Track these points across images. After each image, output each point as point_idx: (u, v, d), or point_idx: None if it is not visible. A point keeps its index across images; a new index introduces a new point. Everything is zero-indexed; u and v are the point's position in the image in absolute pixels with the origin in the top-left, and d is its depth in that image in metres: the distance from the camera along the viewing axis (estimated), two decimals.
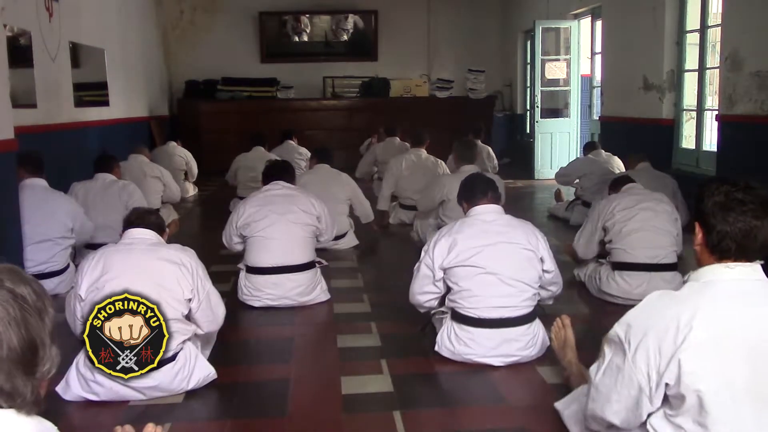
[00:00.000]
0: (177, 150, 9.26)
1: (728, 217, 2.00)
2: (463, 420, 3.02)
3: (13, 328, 1.26)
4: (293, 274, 4.50)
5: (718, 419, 1.96)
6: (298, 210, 4.59)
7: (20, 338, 1.27)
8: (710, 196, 2.05)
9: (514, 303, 3.48)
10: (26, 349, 1.27)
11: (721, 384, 1.95)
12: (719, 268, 2.04)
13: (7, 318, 1.26)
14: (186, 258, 3.24)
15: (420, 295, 3.69)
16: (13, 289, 1.29)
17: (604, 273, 4.60)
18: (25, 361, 1.28)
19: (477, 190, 3.68)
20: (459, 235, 3.52)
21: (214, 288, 3.39)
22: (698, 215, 2.10)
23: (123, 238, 3.32)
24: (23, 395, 1.28)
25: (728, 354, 1.94)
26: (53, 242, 4.76)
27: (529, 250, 3.53)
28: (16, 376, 1.26)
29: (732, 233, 2.00)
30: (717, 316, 1.97)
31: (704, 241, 2.07)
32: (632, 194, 4.66)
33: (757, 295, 2.00)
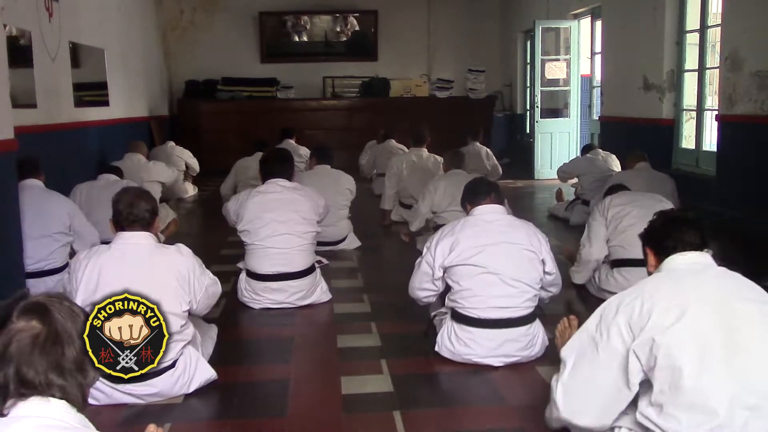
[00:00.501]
0: (175, 150, 9.25)
1: (671, 231, 2.39)
2: (463, 420, 3.02)
3: (72, 336, 1.61)
4: (294, 281, 4.47)
5: (693, 376, 2.09)
6: (299, 218, 4.50)
7: (76, 345, 1.62)
8: (653, 222, 2.50)
9: (514, 303, 3.47)
10: (80, 355, 1.63)
11: (694, 345, 2.11)
12: (674, 256, 2.36)
13: (67, 328, 1.60)
14: (182, 263, 3.17)
15: (418, 290, 3.71)
16: (70, 306, 1.66)
17: (603, 272, 4.60)
18: (78, 365, 1.62)
19: (479, 192, 3.67)
20: (461, 234, 3.52)
21: (211, 277, 3.35)
22: (646, 241, 2.49)
23: (116, 241, 3.19)
24: (75, 392, 1.59)
25: (691, 315, 2.14)
26: (51, 238, 4.74)
27: (530, 251, 3.52)
28: (72, 377, 1.58)
29: (676, 242, 2.38)
30: (678, 287, 2.23)
31: (656, 260, 2.43)
32: (627, 193, 4.77)
33: (711, 272, 2.33)
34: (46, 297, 1.62)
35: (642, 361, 2.16)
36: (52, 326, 1.57)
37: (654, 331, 2.13)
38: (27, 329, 1.55)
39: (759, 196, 6.17)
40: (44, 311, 1.57)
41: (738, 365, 2.09)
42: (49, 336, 1.56)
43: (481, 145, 9.25)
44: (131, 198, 3.18)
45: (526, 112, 12.35)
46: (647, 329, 2.14)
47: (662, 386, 2.13)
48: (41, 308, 1.58)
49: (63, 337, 1.58)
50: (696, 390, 2.08)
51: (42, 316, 1.57)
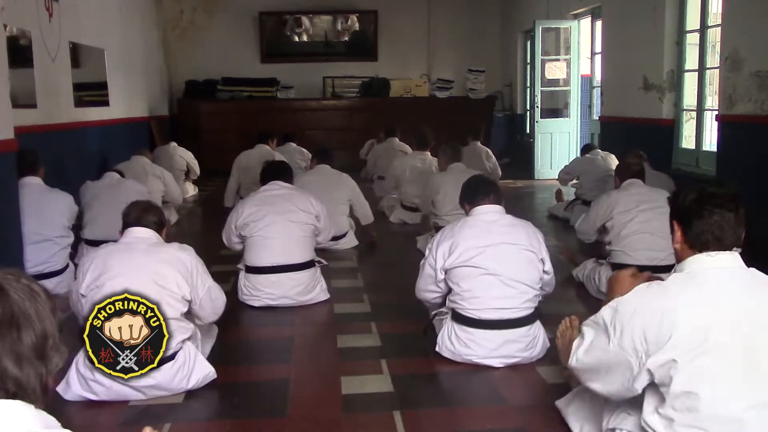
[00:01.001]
0: (177, 150, 9.26)
1: (704, 211, 2.16)
2: (463, 420, 3.02)
3: (29, 318, 1.36)
4: (293, 273, 4.51)
5: (709, 402, 2.03)
6: (297, 209, 4.59)
7: (35, 328, 1.36)
8: (685, 196, 2.23)
9: (515, 305, 3.47)
10: (40, 338, 1.36)
11: (713, 372, 2.03)
12: (701, 257, 2.16)
13: (24, 308, 1.36)
14: (185, 256, 3.27)
15: (425, 292, 3.73)
16: (29, 284, 1.40)
17: (603, 273, 4.59)
18: (38, 351, 1.36)
19: (479, 192, 3.66)
20: (460, 236, 3.51)
21: (214, 282, 3.43)
22: (675, 214, 2.26)
23: (123, 237, 3.34)
24: (33, 384, 1.35)
25: (715, 337, 2.02)
26: (52, 242, 4.76)
27: (530, 251, 3.52)
28: (30, 366, 1.35)
29: (708, 225, 2.15)
30: (701, 305, 2.07)
31: (683, 238, 2.21)
32: (633, 194, 4.63)
33: (738, 280, 2.13)
34: (0, 274, 1.41)
35: (655, 377, 2.10)
36: (7, 307, 1.35)
37: (674, 352, 2.04)
38: None
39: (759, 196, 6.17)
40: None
41: (756, 390, 2.04)
42: (4, 318, 1.34)
43: (481, 145, 9.26)
44: (139, 212, 3.38)
45: (526, 112, 12.35)
46: (666, 349, 2.05)
47: (674, 404, 2.08)
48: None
49: (20, 320, 1.35)
50: (710, 415, 2.04)
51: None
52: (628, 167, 4.90)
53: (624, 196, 4.64)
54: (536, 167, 10.67)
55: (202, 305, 3.34)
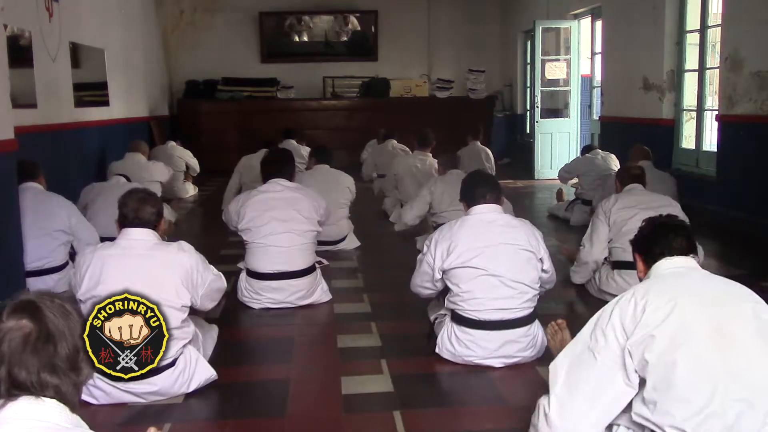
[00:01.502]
0: (176, 150, 9.26)
1: (658, 237, 2.47)
2: (463, 420, 3.01)
3: (63, 334, 1.56)
4: (294, 280, 4.47)
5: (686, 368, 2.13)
6: (301, 217, 4.51)
7: (68, 343, 1.56)
8: (642, 230, 2.59)
9: (514, 305, 3.47)
10: (72, 352, 1.57)
11: (686, 338, 2.15)
12: (660, 261, 2.44)
13: (59, 325, 1.56)
14: (185, 259, 3.21)
15: (419, 287, 3.74)
16: (62, 304, 1.60)
17: (604, 273, 4.59)
18: (72, 364, 1.57)
19: (477, 190, 3.63)
20: (459, 237, 3.50)
21: (214, 272, 3.39)
22: (635, 248, 2.59)
23: (120, 237, 3.24)
24: (69, 391, 1.55)
25: (683, 310, 2.19)
26: (51, 237, 4.74)
27: (529, 251, 3.51)
28: (65, 375, 1.54)
29: (664, 247, 2.44)
30: (668, 287, 2.30)
31: (644, 267, 2.50)
32: (634, 194, 4.63)
33: (696, 274, 2.41)
34: (36, 295, 1.59)
35: (635, 359, 2.19)
36: (44, 324, 1.54)
37: (648, 327, 2.18)
38: (18, 328, 1.52)
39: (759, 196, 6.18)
40: (35, 309, 1.55)
41: (729, 358, 2.13)
42: (41, 335, 1.52)
43: (481, 145, 9.26)
44: (137, 202, 3.22)
45: (526, 112, 12.35)
46: (641, 326, 2.19)
47: (655, 382, 2.16)
48: (32, 306, 1.55)
49: (55, 336, 1.54)
50: (688, 383, 2.11)
51: (33, 314, 1.54)
52: (629, 171, 4.90)
53: (624, 196, 4.63)
54: (536, 167, 10.67)
55: (202, 301, 3.32)
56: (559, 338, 3.22)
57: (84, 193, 5.71)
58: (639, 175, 4.85)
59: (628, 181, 4.79)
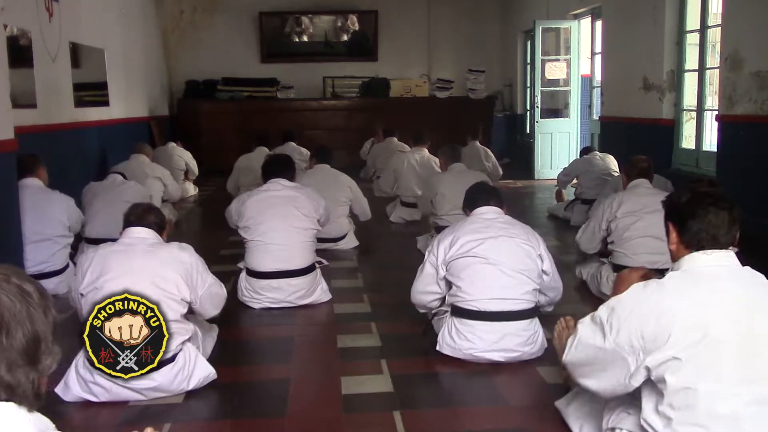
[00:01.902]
0: (176, 150, 9.25)
1: (698, 210, 2.17)
2: (463, 420, 3.01)
3: (20, 321, 1.32)
4: (294, 279, 4.48)
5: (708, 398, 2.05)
6: (300, 214, 4.55)
7: (25, 331, 1.32)
8: (679, 196, 2.26)
9: (514, 295, 3.51)
10: (30, 341, 1.32)
11: (712, 368, 2.04)
12: (697, 255, 2.18)
13: (13, 310, 1.31)
14: (185, 256, 3.26)
15: (422, 294, 3.73)
16: (20, 284, 1.35)
17: (605, 274, 4.59)
18: (29, 354, 1.32)
19: (479, 200, 3.76)
20: (460, 231, 3.62)
21: (214, 278, 3.43)
22: (670, 216, 2.28)
23: (123, 237, 3.33)
24: (25, 388, 1.32)
25: (713, 333, 2.04)
26: (52, 241, 4.76)
27: (528, 245, 3.60)
28: (20, 368, 1.31)
29: (704, 224, 2.16)
30: (698, 301, 2.08)
31: (678, 239, 2.22)
32: (639, 195, 4.54)
33: (734, 278, 2.14)
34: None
35: (653, 374, 2.11)
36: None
37: (673, 349, 2.05)
38: None
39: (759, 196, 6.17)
40: None
41: (756, 391, 2.05)
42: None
43: (480, 145, 9.26)
44: (141, 212, 3.37)
45: (526, 112, 12.35)
46: (666, 348, 2.06)
47: (672, 401, 2.09)
48: None
49: (10, 324, 1.30)
50: (708, 412, 2.05)
51: None
52: (636, 164, 4.76)
53: (629, 197, 4.55)
54: (536, 167, 10.67)
55: (202, 303, 3.34)
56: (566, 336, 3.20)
57: (83, 195, 5.71)
58: (646, 168, 4.72)
59: (635, 175, 4.69)
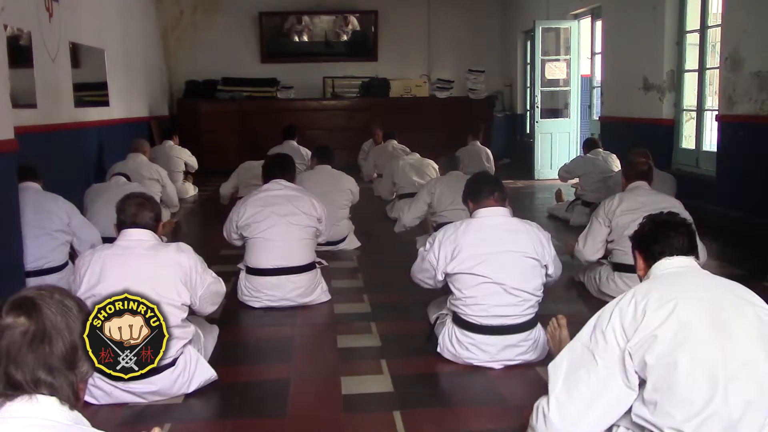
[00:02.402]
0: (173, 151, 9.19)
1: (659, 236, 2.43)
2: (463, 420, 3.01)
3: (60, 332, 1.55)
4: (293, 276, 4.49)
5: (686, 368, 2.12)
6: (300, 212, 4.57)
7: (65, 341, 1.55)
8: (642, 227, 2.52)
9: (516, 312, 3.46)
10: (69, 350, 1.56)
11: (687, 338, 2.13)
12: (661, 261, 2.42)
13: (55, 322, 1.54)
14: (183, 259, 3.21)
15: (419, 280, 3.74)
16: (62, 300, 1.59)
17: (604, 273, 4.59)
18: (68, 361, 1.55)
19: (483, 190, 3.59)
20: (463, 241, 3.46)
21: (213, 275, 3.39)
22: (635, 245, 2.55)
23: (119, 239, 3.25)
24: (65, 390, 1.53)
25: (683, 311, 2.17)
26: (51, 236, 4.73)
27: (534, 259, 3.47)
28: (60, 373, 1.53)
29: (665, 246, 2.41)
30: (668, 288, 2.27)
31: (645, 264, 2.47)
32: (638, 194, 4.51)
33: (696, 274, 2.39)
34: (35, 291, 1.57)
35: (635, 360, 2.17)
36: (40, 322, 1.51)
37: (649, 328, 2.15)
38: (14, 326, 1.50)
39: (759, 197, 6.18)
40: (32, 306, 1.52)
41: (730, 359, 2.11)
42: (37, 333, 1.50)
43: (481, 145, 9.26)
44: (135, 207, 3.23)
45: (526, 113, 12.35)
46: (642, 328, 2.16)
47: (655, 383, 2.14)
48: (29, 303, 1.52)
49: (51, 334, 1.52)
50: (688, 384, 2.10)
51: (30, 311, 1.51)
52: (635, 167, 4.71)
53: (629, 196, 4.53)
54: (536, 167, 10.67)
55: (201, 303, 3.32)
56: (559, 336, 3.21)
57: (85, 196, 5.71)
58: (645, 171, 4.67)
59: (634, 177, 4.65)
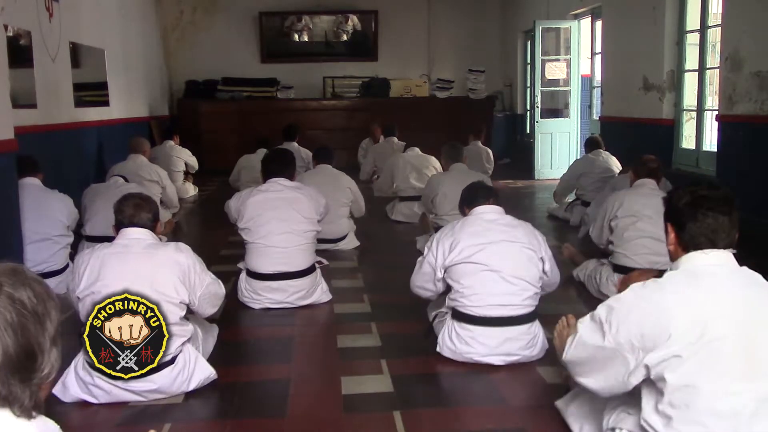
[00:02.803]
0: (174, 151, 9.18)
1: (697, 214, 2.17)
2: (463, 420, 3.01)
3: (9, 335, 1.26)
4: (294, 280, 4.47)
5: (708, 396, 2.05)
6: (300, 216, 4.50)
7: (16, 345, 1.26)
8: (679, 198, 2.24)
9: (515, 301, 3.48)
10: (22, 355, 1.27)
11: (712, 365, 2.04)
12: (695, 254, 2.19)
13: (2, 324, 1.25)
14: (182, 258, 3.20)
15: (419, 288, 3.74)
16: (11, 294, 1.28)
17: (604, 274, 4.59)
18: (22, 367, 1.27)
19: (479, 195, 3.69)
20: (461, 234, 3.53)
21: (212, 276, 3.39)
22: (669, 216, 2.28)
23: (118, 238, 3.24)
24: (21, 400, 1.28)
25: (713, 331, 2.04)
26: (52, 241, 4.76)
27: (530, 249, 3.54)
28: (13, 383, 1.26)
29: (702, 229, 2.17)
30: (698, 300, 2.09)
31: (676, 240, 2.23)
32: (641, 194, 4.54)
33: (732, 278, 2.16)
34: None
35: (652, 373, 2.11)
36: None
37: (673, 347, 2.06)
38: None
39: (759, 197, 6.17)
40: None
41: (757, 387, 2.05)
42: None
43: (482, 145, 9.26)
44: (132, 209, 3.23)
45: (526, 112, 12.35)
46: (667, 345, 2.06)
47: (673, 400, 2.09)
48: None
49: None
50: (708, 409, 2.05)
51: None
52: (645, 164, 4.76)
53: (631, 197, 4.56)
54: (536, 167, 10.66)
55: (200, 304, 3.32)
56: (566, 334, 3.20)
57: (84, 196, 5.71)
58: (654, 169, 4.72)
59: (643, 174, 4.70)
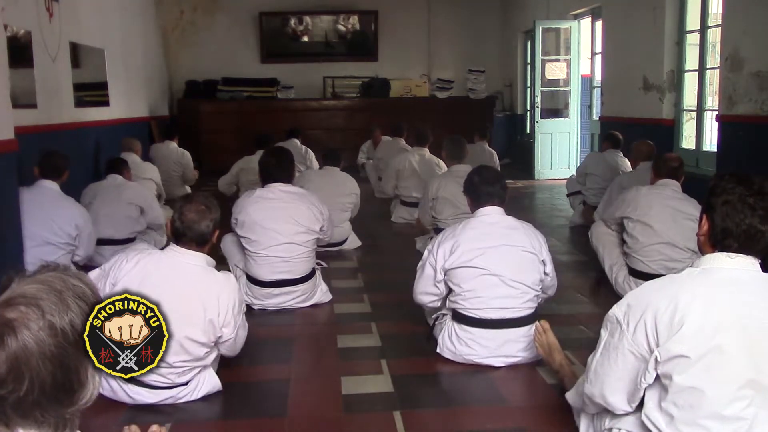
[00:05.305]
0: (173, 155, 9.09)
1: (735, 218, 2.08)
2: (463, 420, 3.01)
3: (47, 368, 1.19)
4: (294, 286, 4.45)
5: (713, 400, 2.03)
6: (300, 227, 4.42)
7: (53, 378, 1.19)
8: (722, 193, 2.11)
9: (515, 305, 3.47)
10: (60, 388, 1.21)
11: (719, 372, 2.02)
12: (721, 256, 2.12)
13: (39, 357, 1.18)
14: (227, 291, 3.07)
15: (423, 295, 3.69)
16: (53, 323, 1.22)
17: (621, 275, 4.56)
18: (58, 400, 1.21)
19: (485, 191, 3.61)
20: (461, 237, 3.52)
21: (244, 320, 3.29)
22: (707, 208, 2.16)
23: (168, 251, 3.11)
24: (55, 423, 1.22)
25: (723, 336, 2.01)
26: (56, 246, 4.71)
27: (531, 253, 3.52)
28: (47, 416, 1.20)
29: (736, 233, 2.08)
30: (714, 301, 2.05)
31: (708, 234, 2.15)
32: (661, 198, 4.41)
33: (752, 284, 2.09)
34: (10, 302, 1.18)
35: (660, 369, 2.10)
36: (10, 352, 1.14)
37: (683, 345, 2.03)
38: None
39: None
40: (6, 329, 1.15)
41: (761, 396, 2.04)
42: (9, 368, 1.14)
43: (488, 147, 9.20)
44: (195, 215, 3.01)
45: (527, 113, 12.35)
46: (675, 341, 2.03)
47: (677, 399, 2.08)
48: (3, 325, 1.15)
49: (21, 367, 1.14)
50: (712, 413, 2.04)
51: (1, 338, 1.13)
52: (666, 162, 4.58)
53: (649, 198, 4.44)
54: (536, 167, 10.67)
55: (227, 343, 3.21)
56: (545, 340, 3.22)
57: (83, 196, 5.69)
58: (675, 168, 4.51)
59: (663, 173, 4.53)
